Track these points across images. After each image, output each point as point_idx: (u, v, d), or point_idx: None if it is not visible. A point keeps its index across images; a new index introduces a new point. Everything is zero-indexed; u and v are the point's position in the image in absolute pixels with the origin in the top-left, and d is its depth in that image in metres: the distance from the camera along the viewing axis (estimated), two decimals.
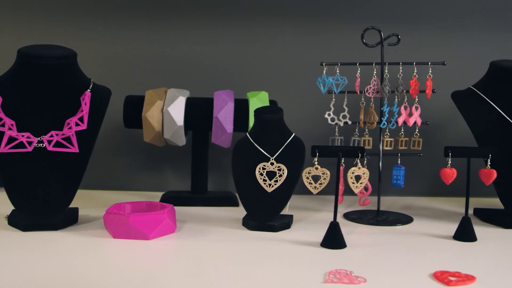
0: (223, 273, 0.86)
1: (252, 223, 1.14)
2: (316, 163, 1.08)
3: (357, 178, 1.11)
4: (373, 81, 1.27)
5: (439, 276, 0.84)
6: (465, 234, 1.10)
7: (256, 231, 1.13)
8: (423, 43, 1.60)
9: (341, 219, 1.27)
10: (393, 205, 1.46)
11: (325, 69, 1.27)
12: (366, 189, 1.30)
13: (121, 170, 1.61)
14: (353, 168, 1.10)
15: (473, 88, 1.33)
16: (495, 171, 1.14)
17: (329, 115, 1.31)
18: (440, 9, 1.61)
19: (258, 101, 1.37)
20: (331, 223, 1.02)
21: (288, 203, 1.17)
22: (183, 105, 1.35)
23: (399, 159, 1.31)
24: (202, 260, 0.93)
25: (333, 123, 1.31)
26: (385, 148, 1.30)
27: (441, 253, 1.00)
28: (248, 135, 1.20)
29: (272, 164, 1.15)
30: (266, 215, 1.14)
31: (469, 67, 1.53)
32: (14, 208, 1.11)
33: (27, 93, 1.11)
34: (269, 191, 1.14)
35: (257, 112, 1.19)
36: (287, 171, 1.14)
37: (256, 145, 1.17)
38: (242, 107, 1.38)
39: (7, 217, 1.14)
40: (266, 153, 1.16)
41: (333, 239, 1.01)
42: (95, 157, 1.50)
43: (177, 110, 1.33)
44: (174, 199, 1.39)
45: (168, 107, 1.33)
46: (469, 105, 1.32)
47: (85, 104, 1.14)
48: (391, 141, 1.30)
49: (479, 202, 1.48)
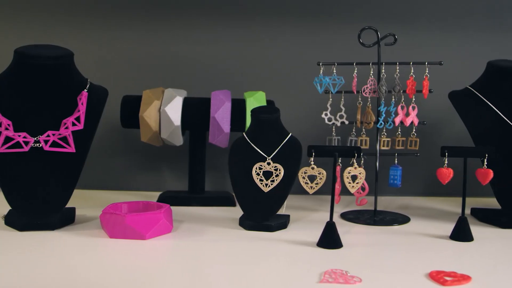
0: (219, 272, 0.86)
1: (248, 223, 1.14)
2: (312, 163, 1.08)
3: (354, 178, 1.11)
4: (370, 81, 1.27)
5: (435, 276, 0.85)
6: (461, 234, 1.10)
7: (252, 231, 1.13)
8: (420, 43, 1.60)
9: (338, 219, 1.27)
10: (390, 205, 1.46)
11: (322, 69, 1.27)
12: (363, 189, 1.30)
13: (119, 170, 1.61)
14: (349, 168, 1.10)
15: (470, 88, 1.33)
16: (491, 171, 1.14)
17: (326, 115, 1.31)
18: (437, 9, 1.61)
19: (255, 101, 1.37)
20: (327, 223, 1.02)
21: (285, 203, 1.17)
22: (180, 105, 1.35)
23: (396, 159, 1.31)
24: (198, 260, 0.93)
25: (330, 123, 1.31)
26: (382, 148, 1.30)
27: (437, 253, 1.00)
28: (245, 135, 1.20)
29: (268, 164, 1.15)
30: (262, 215, 1.14)
31: (466, 67, 1.53)
32: (10, 208, 1.11)
33: (24, 93, 1.11)
34: (266, 191, 1.14)
35: (254, 112, 1.19)
36: (283, 171, 1.14)
37: (252, 145, 1.17)
38: (239, 107, 1.38)
39: (4, 217, 1.14)
40: (262, 153, 1.16)
41: (330, 239, 1.01)
42: (93, 157, 1.50)
43: (174, 110, 1.33)
44: (171, 199, 1.39)
45: (165, 107, 1.33)
46: (466, 105, 1.32)
47: (82, 104, 1.14)
48: (388, 141, 1.30)
49: (476, 202, 1.48)
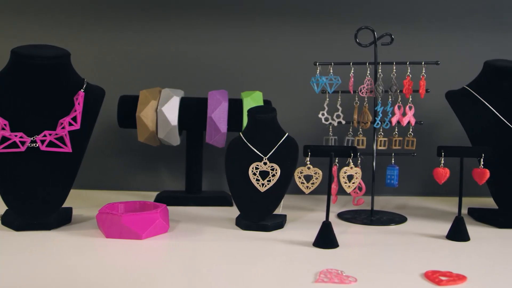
0: (215, 272, 0.86)
1: (245, 222, 1.14)
2: (308, 162, 1.08)
3: (350, 177, 1.11)
4: (366, 81, 1.27)
5: (430, 275, 0.84)
6: (458, 233, 1.10)
7: (249, 231, 1.13)
8: (417, 43, 1.60)
9: (335, 219, 1.27)
10: (387, 205, 1.46)
11: (318, 69, 1.27)
12: (360, 189, 1.30)
13: (116, 170, 1.61)
14: (345, 167, 1.10)
15: (467, 87, 1.33)
16: (488, 171, 1.14)
17: (323, 114, 1.31)
18: (434, 9, 1.61)
19: (252, 101, 1.37)
20: (323, 223, 1.02)
21: (281, 203, 1.17)
22: (177, 105, 1.35)
23: (393, 159, 1.31)
24: (194, 259, 0.93)
25: (327, 123, 1.31)
26: (379, 147, 1.30)
27: (433, 253, 1.00)
28: (241, 135, 1.20)
29: (265, 163, 1.15)
30: (259, 214, 1.14)
31: (463, 67, 1.53)
32: (7, 208, 1.11)
33: (21, 93, 1.11)
34: (262, 191, 1.14)
35: (251, 112, 1.19)
36: (280, 170, 1.14)
37: (249, 144, 1.17)
38: (236, 107, 1.38)
39: (1, 217, 1.14)
40: (259, 153, 1.16)
41: (326, 239, 1.01)
42: (90, 157, 1.50)
43: (171, 110, 1.33)
44: (168, 199, 1.39)
45: (162, 107, 1.33)
46: (463, 105, 1.32)
47: (79, 104, 1.14)
48: (385, 141, 1.30)
49: (473, 201, 1.48)
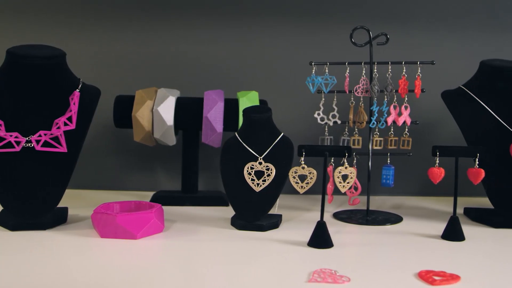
0: (209, 272, 0.86)
1: (240, 222, 1.14)
2: (302, 162, 1.08)
3: (344, 177, 1.11)
4: (362, 81, 1.27)
5: (424, 275, 0.84)
6: (453, 233, 1.10)
7: (244, 231, 1.13)
8: (412, 43, 1.60)
9: (331, 219, 1.27)
10: (383, 205, 1.45)
11: (314, 68, 1.27)
12: (355, 189, 1.30)
13: (112, 169, 1.61)
14: (340, 167, 1.10)
15: (463, 87, 1.33)
16: (483, 171, 1.14)
17: (319, 114, 1.31)
18: (430, 9, 1.61)
19: (247, 100, 1.37)
20: (318, 223, 1.02)
21: (277, 202, 1.17)
22: (173, 105, 1.35)
23: (389, 159, 1.31)
24: (188, 259, 0.93)
25: (323, 123, 1.31)
26: (375, 147, 1.30)
27: (428, 253, 1.00)
28: (236, 135, 1.20)
29: (260, 163, 1.15)
30: (254, 214, 1.14)
31: (459, 67, 1.53)
32: (3, 207, 1.11)
33: (16, 93, 1.11)
34: (257, 191, 1.14)
35: (246, 111, 1.19)
36: (275, 170, 1.14)
37: (244, 144, 1.17)
38: (232, 107, 1.38)
39: None
40: (254, 153, 1.16)
41: (320, 239, 1.01)
42: (86, 157, 1.50)
43: (167, 110, 1.33)
44: (164, 198, 1.39)
45: (158, 107, 1.33)
46: (459, 105, 1.32)
47: (74, 104, 1.14)
48: (380, 141, 1.30)
49: (469, 201, 1.47)
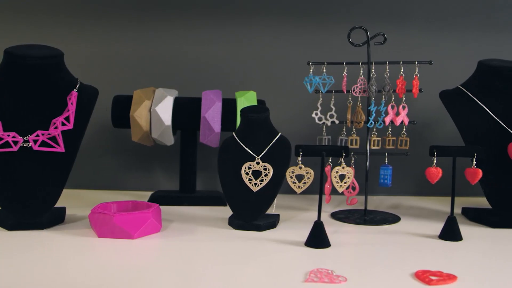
0: (206, 272, 0.86)
1: (237, 222, 1.14)
2: (299, 162, 1.08)
3: (342, 177, 1.11)
4: (359, 81, 1.27)
5: (421, 275, 0.84)
6: (450, 233, 1.09)
7: (241, 231, 1.13)
8: (410, 43, 1.60)
9: (328, 219, 1.27)
10: (381, 205, 1.46)
11: (312, 68, 1.27)
12: (353, 189, 1.30)
13: (110, 169, 1.61)
14: (337, 167, 1.10)
15: (461, 87, 1.33)
16: (480, 170, 1.14)
17: (316, 114, 1.31)
18: (428, 9, 1.61)
19: (245, 100, 1.37)
20: (315, 222, 1.02)
21: (275, 202, 1.17)
22: (171, 104, 1.35)
23: (387, 159, 1.31)
24: (185, 259, 0.93)
25: (321, 123, 1.31)
26: (372, 147, 1.30)
27: (425, 253, 1.00)
28: (234, 135, 1.20)
29: (257, 163, 1.15)
30: (251, 214, 1.14)
31: (457, 67, 1.53)
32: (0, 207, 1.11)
33: (14, 93, 1.12)
34: (255, 191, 1.14)
35: (243, 111, 1.19)
36: (272, 170, 1.14)
37: (242, 144, 1.17)
38: (230, 107, 1.38)
39: None
40: (252, 153, 1.16)
41: (317, 238, 1.01)
42: (85, 157, 1.50)
43: (165, 109, 1.33)
44: (162, 198, 1.40)
45: (156, 107, 1.33)
46: (457, 104, 1.32)
47: (72, 103, 1.14)
48: (378, 141, 1.30)
49: (467, 201, 1.47)
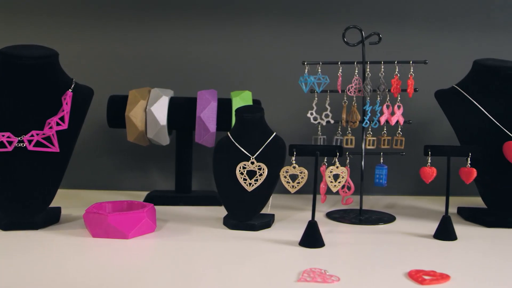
0: (200, 271, 0.86)
1: (232, 222, 1.14)
2: (293, 162, 1.08)
3: (336, 177, 1.11)
4: (354, 80, 1.27)
5: (414, 275, 0.84)
6: (445, 233, 1.10)
7: (236, 230, 1.13)
8: (405, 42, 1.60)
9: (324, 218, 1.27)
10: (377, 204, 1.45)
11: (307, 68, 1.27)
12: (349, 188, 1.30)
13: (106, 169, 1.61)
14: (331, 167, 1.10)
15: (456, 87, 1.33)
16: (475, 170, 1.13)
17: (312, 114, 1.31)
18: (423, 8, 1.61)
19: (241, 100, 1.37)
20: (309, 222, 1.02)
21: (270, 202, 1.17)
22: (166, 104, 1.35)
23: (382, 158, 1.31)
24: (179, 259, 0.93)
25: (316, 122, 1.31)
26: (368, 147, 1.30)
27: (420, 252, 1.00)
28: (229, 134, 1.20)
29: (252, 163, 1.15)
30: (246, 214, 1.14)
31: (452, 66, 1.53)
32: None
33: (9, 93, 1.12)
34: (249, 190, 1.14)
35: (238, 111, 1.19)
36: (267, 170, 1.14)
37: (236, 144, 1.17)
38: (225, 107, 1.38)
39: None
40: (246, 152, 1.16)
41: (311, 238, 1.01)
42: (80, 157, 1.51)
43: (160, 109, 1.33)
44: (158, 198, 1.40)
45: (151, 107, 1.33)
46: (452, 104, 1.32)
47: (67, 104, 1.14)
48: (373, 140, 1.30)
49: (463, 201, 1.47)
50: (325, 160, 1.28)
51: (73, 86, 1.18)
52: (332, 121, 1.31)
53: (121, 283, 0.80)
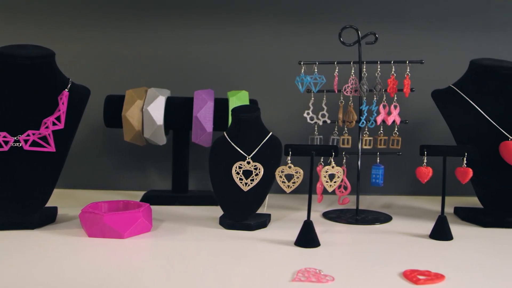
0: (195, 271, 0.86)
1: (228, 222, 1.14)
2: (289, 161, 1.08)
3: (331, 177, 1.11)
4: (351, 80, 1.27)
5: (408, 274, 0.84)
6: (441, 233, 1.10)
7: (232, 230, 1.13)
8: (402, 42, 1.60)
9: (320, 218, 1.27)
10: (373, 204, 1.46)
11: (303, 68, 1.27)
12: (345, 188, 1.30)
13: (103, 169, 1.61)
14: (327, 166, 1.10)
15: (453, 86, 1.33)
16: (471, 170, 1.13)
17: (308, 114, 1.31)
18: (419, 8, 1.61)
19: (238, 100, 1.37)
20: (305, 222, 1.02)
21: (266, 201, 1.17)
22: (163, 104, 1.35)
23: (378, 158, 1.31)
24: (175, 258, 0.93)
25: (312, 122, 1.31)
26: (364, 147, 1.30)
27: (415, 252, 0.99)
28: (225, 134, 1.20)
29: (248, 163, 1.15)
30: (242, 213, 1.14)
31: (449, 66, 1.54)
32: None
33: (5, 92, 1.12)
34: (245, 190, 1.14)
35: (234, 111, 1.19)
36: (263, 170, 1.14)
37: (233, 144, 1.17)
38: (222, 107, 1.38)
39: None
40: (242, 152, 1.16)
41: (307, 238, 1.01)
42: (78, 157, 1.51)
43: (157, 109, 1.34)
44: (155, 198, 1.40)
45: (147, 107, 1.33)
46: (449, 104, 1.32)
47: (63, 103, 1.15)
48: (370, 140, 1.30)
49: (461, 201, 1.47)
50: (322, 160, 1.28)
51: (69, 86, 1.18)
52: (328, 121, 1.31)
53: (116, 283, 0.80)
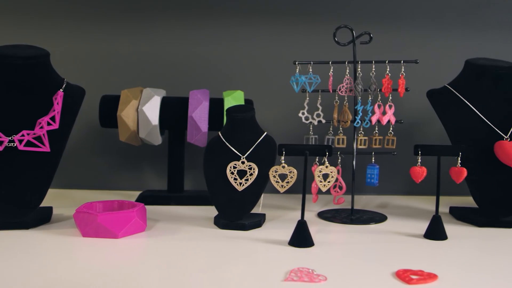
0: (189, 271, 0.86)
1: (223, 221, 1.14)
2: (283, 161, 1.08)
3: (325, 176, 1.11)
4: (346, 80, 1.27)
5: (401, 274, 0.84)
6: (435, 232, 1.10)
7: (226, 230, 1.13)
8: (396, 42, 1.60)
9: (315, 218, 1.27)
10: (369, 204, 1.46)
11: (298, 68, 1.27)
12: (340, 188, 1.30)
13: (99, 169, 1.61)
14: (321, 166, 1.10)
15: (448, 86, 1.33)
16: (465, 169, 1.13)
17: (303, 114, 1.31)
18: (414, 8, 1.61)
19: (233, 100, 1.37)
20: (298, 222, 1.02)
21: (261, 201, 1.17)
22: (158, 104, 1.35)
23: (373, 158, 1.31)
24: (169, 258, 0.93)
25: (307, 122, 1.31)
26: (359, 146, 1.30)
27: (409, 252, 1.00)
28: (220, 134, 1.20)
29: (243, 163, 1.15)
30: (236, 213, 1.14)
31: (444, 66, 1.54)
32: None
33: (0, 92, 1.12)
34: (240, 190, 1.14)
35: (229, 111, 1.19)
36: (258, 170, 1.14)
37: (227, 144, 1.17)
38: (217, 106, 1.38)
39: None
40: (237, 152, 1.16)
41: (301, 238, 1.01)
42: (73, 157, 1.51)
43: (152, 109, 1.33)
44: (150, 198, 1.40)
45: (143, 107, 1.33)
46: (444, 104, 1.32)
47: (58, 103, 1.14)
48: (365, 140, 1.31)
49: (456, 200, 1.47)
50: (317, 159, 1.29)
51: (64, 86, 1.18)
52: (323, 121, 1.31)
53: (111, 282, 0.80)
